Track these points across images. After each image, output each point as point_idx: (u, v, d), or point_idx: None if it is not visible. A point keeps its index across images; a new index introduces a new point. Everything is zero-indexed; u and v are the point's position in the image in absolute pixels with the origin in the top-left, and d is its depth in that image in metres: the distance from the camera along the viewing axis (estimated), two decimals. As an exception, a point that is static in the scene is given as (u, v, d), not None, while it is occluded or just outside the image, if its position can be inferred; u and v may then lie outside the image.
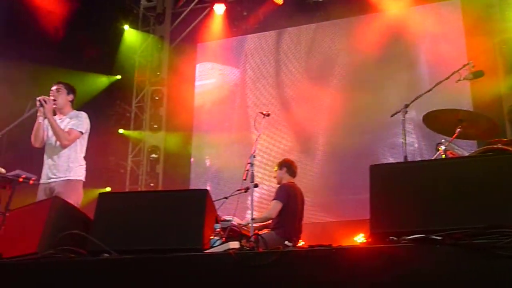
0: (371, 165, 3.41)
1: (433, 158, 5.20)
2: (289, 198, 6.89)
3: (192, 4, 11.99)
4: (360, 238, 8.50)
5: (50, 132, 5.70)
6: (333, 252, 3.05)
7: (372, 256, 2.97)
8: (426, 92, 5.49)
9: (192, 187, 10.68)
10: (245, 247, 3.40)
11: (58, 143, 5.66)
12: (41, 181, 5.69)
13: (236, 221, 6.19)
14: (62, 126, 5.68)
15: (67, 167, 5.63)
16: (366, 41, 10.09)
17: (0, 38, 10.93)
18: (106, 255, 3.52)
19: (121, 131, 11.81)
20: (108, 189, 10.64)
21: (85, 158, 5.86)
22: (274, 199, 6.90)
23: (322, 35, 10.83)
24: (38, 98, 5.54)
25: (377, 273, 2.91)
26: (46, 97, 5.59)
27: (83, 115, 5.83)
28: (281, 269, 3.07)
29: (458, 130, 5.05)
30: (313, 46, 10.88)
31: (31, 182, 5.72)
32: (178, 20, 12.18)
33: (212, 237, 3.58)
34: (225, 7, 11.51)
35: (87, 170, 5.85)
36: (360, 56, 10.21)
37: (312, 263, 3.06)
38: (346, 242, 7.90)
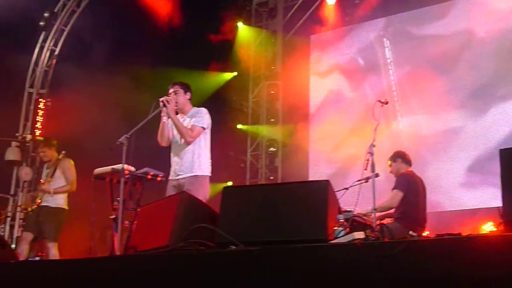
0: (501, 149, 3.24)
1: None
2: (409, 187, 6.75)
3: (303, -4, 11.98)
4: (489, 227, 8.09)
5: (175, 131, 5.88)
6: (463, 241, 2.94)
7: (506, 245, 2.83)
8: None
9: (311, 178, 10.68)
10: (370, 237, 3.36)
11: (182, 140, 5.83)
12: (170, 177, 5.89)
13: (357, 211, 6.12)
14: (185, 124, 5.86)
15: (193, 164, 5.74)
16: (488, 19, 9.60)
17: (122, 42, 11.55)
18: (233, 247, 3.61)
19: (239, 126, 12.08)
20: (229, 183, 10.91)
21: (207, 153, 6.00)
22: (394, 188, 6.78)
23: (438, 18, 10.38)
24: (161, 99, 5.71)
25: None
26: (168, 98, 5.76)
27: (203, 111, 5.92)
28: (408, 259, 3.01)
29: None
30: (429, 30, 10.47)
31: (158, 179, 5.94)
32: (290, 13, 12.20)
33: (335, 228, 3.57)
34: (336, -3, 11.40)
35: (209, 165, 5.99)
36: (480, 39, 9.73)
37: (441, 253, 2.97)
38: (473, 232, 7.57)
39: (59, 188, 7.49)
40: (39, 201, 7.39)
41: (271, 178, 11.75)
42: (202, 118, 5.86)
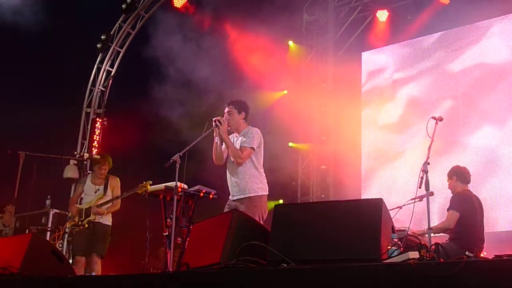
0: None
1: None
2: (465, 206, 6.60)
3: (354, 14, 11.95)
4: (551, 248, 7.80)
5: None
6: (523, 262, 2.85)
7: None
8: None
9: (363, 197, 10.56)
10: (425, 257, 3.29)
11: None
12: (229, 198, 5.93)
13: (411, 231, 6.02)
14: (238, 143, 5.89)
15: (246, 185, 5.75)
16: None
17: (175, 61, 11.77)
18: (285, 265, 3.61)
19: (290, 144, 12.06)
20: (280, 201, 10.88)
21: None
22: (449, 208, 6.63)
23: (496, 33, 10.13)
24: (213, 119, 5.78)
25: None
26: (221, 118, 5.79)
27: (253, 131, 5.91)
28: (465, 280, 2.93)
29: None
30: (483, 45, 10.21)
31: (211, 196, 6.03)
32: (341, 30, 12.17)
33: (389, 247, 3.51)
34: (387, 13, 11.32)
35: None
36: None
37: (499, 275, 2.88)
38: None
39: (110, 208, 7.64)
40: (94, 218, 7.52)
41: (323, 196, 11.65)
42: (252, 138, 5.84)
